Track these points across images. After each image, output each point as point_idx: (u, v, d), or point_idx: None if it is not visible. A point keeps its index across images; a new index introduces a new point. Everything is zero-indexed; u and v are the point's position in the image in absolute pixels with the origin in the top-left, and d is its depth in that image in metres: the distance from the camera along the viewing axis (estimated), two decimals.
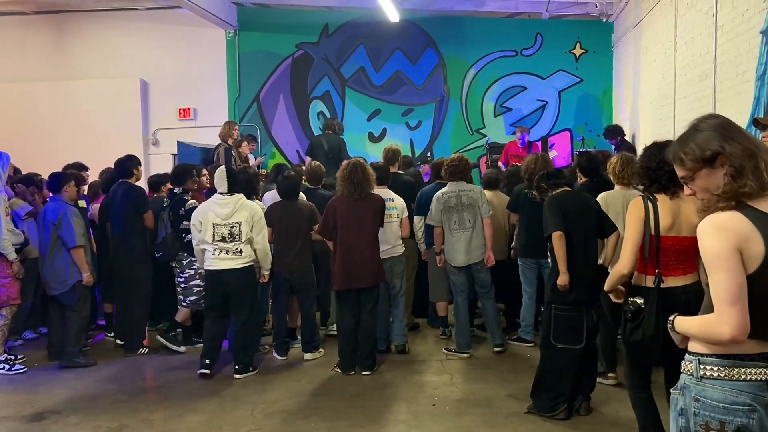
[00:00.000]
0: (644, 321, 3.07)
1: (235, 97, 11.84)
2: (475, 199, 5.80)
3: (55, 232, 5.78)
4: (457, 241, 5.75)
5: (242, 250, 5.40)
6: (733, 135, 2.01)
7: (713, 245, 1.93)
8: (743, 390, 1.93)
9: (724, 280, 1.90)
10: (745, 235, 1.90)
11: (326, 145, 8.89)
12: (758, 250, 1.90)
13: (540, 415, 4.44)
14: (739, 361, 1.94)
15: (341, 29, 11.80)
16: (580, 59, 11.56)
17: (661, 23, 8.17)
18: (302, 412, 4.70)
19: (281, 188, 5.95)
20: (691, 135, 2.07)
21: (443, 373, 5.47)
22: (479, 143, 11.49)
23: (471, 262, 5.77)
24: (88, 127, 11.36)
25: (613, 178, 4.87)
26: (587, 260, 4.39)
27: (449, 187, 5.84)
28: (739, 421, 1.92)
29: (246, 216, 5.41)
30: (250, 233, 5.43)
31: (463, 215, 5.75)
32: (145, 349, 6.25)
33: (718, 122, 2.06)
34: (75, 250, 5.82)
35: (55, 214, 5.78)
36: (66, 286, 5.83)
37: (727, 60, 5.79)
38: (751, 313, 1.92)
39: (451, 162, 5.92)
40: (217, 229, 5.39)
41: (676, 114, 7.45)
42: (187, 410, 4.79)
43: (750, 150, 1.97)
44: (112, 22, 11.89)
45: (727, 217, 1.93)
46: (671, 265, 3.21)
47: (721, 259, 1.90)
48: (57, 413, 4.79)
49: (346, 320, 5.55)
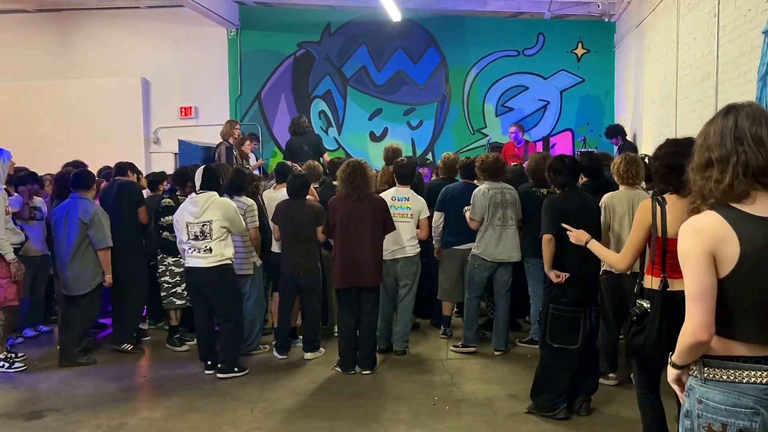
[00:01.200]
0: (648, 325, 3.06)
1: (237, 96, 11.84)
2: (515, 198, 5.85)
3: (84, 231, 5.72)
4: (499, 237, 5.74)
5: (212, 248, 5.35)
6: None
7: (685, 247, 1.98)
8: (746, 393, 1.92)
9: (690, 281, 1.96)
10: (720, 236, 1.92)
11: (306, 146, 8.81)
12: (733, 251, 1.90)
13: (540, 415, 4.43)
14: (743, 363, 1.94)
15: (343, 28, 11.79)
16: (582, 59, 11.55)
17: (663, 23, 8.16)
18: (302, 411, 4.69)
19: (290, 187, 5.95)
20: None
21: (444, 372, 5.47)
22: (481, 143, 11.48)
23: (507, 260, 5.79)
24: (89, 126, 11.36)
25: (617, 179, 4.86)
26: (585, 261, 4.38)
27: (493, 184, 5.82)
28: (741, 423, 1.92)
29: (217, 215, 5.36)
30: (224, 231, 5.39)
31: (507, 212, 5.77)
32: (130, 345, 6.21)
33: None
34: (104, 251, 5.81)
35: (86, 212, 5.73)
36: (90, 287, 5.80)
37: (729, 60, 5.78)
38: (747, 317, 1.93)
39: (488, 162, 5.86)
40: (190, 228, 5.39)
41: (678, 114, 7.44)
42: (188, 409, 4.78)
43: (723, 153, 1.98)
44: (114, 20, 11.89)
45: (702, 219, 1.97)
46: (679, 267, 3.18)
47: (689, 261, 1.96)
48: (57, 411, 4.79)
49: (346, 319, 5.54)
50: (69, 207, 5.81)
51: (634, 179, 4.78)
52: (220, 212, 5.38)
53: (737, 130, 1.97)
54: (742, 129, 1.97)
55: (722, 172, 1.95)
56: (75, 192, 5.89)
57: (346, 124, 11.87)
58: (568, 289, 4.34)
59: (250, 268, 5.95)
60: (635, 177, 4.77)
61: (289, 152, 8.92)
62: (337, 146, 11.77)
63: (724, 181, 1.95)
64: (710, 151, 2.00)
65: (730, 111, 2.03)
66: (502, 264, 5.80)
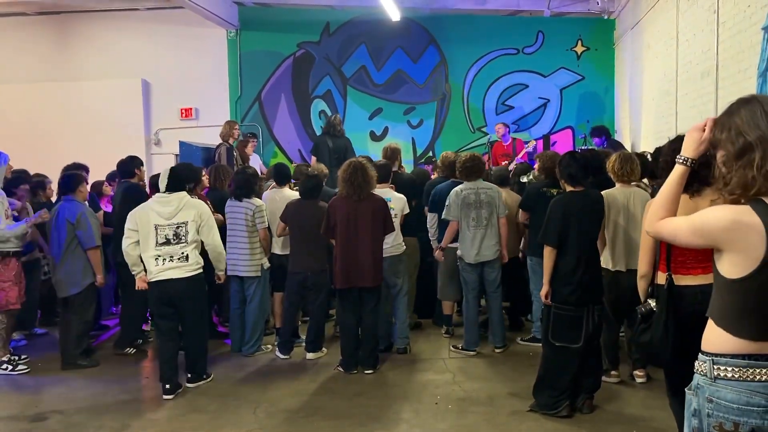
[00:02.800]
0: (654, 322, 3.06)
1: (237, 97, 11.85)
2: (493, 197, 5.83)
3: (72, 231, 5.74)
4: (473, 237, 5.76)
5: (188, 255, 4.97)
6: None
7: (712, 220, 1.92)
8: (758, 391, 1.90)
9: (683, 222, 2.00)
10: (750, 237, 1.86)
11: (331, 144, 8.87)
12: (758, 254, 1.86)
13: (542, 413, 4.43)
14: (754, 361, 1.91)
15: (342, 28, 11.79)
16: (581, 57, 11.54)
17: (662, 20, 8.15)
18: (304, 411, 4.70)
19: (303, 187, 5.95)
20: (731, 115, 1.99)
21: (445, 371, 5.47)
22: (481, 141, 11.47)
23: (485, 259, 5.78)
24: (90, 128, 11.37)
25: (612, 177, 4.87)
26: (589, 261, 4.39)
27: (468, 184, 5.84)
28: (753, 422, 1.90)
29: (193, 215, 5.00)
30: (197, 235, 5.06)
31: (481, 212, 5.77)
32: (132, 349, 6.22)
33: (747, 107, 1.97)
34: (93, 250, 5.81)
35: (74, 213, 5.75)
36: (80, 287, 5.81)
37: (729, 57, 5.78)
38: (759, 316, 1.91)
39: (465, 162, 5.90)
40: (160, 231, 4.92)
41: (678, 111, 7.43)
42: (190, 409, 4.79)
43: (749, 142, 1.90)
44: (114, 22, 11.90)
45: (744, 215, 1.88)
46: (689, 264, 3.18)
47: (703, 226, 1.93)
48: (60, 413, 4.80)
49: (348, 319, 5.55)
50: (58, 210, 5.86)
51: (629, 176, 4.80)
52: (195, 211, 5.02)
53: (767, 114, 1.91)
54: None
55: (762, 154, 1.86)
56: (64, 195, 5.94)
57: (346, 124, 11.78)
58: (571, 289, 4.34)
59: (257, 270, 5.95)
60: (630, 174, 4.79)
61: (315, 148, 9.13)
62: None
63: (767, 163, 1.85)
64: (744, 135, 1.90)
65: (750, 100, 1.97)
66: (485, 263, 5.80)
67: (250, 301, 5.95)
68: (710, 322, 2.02)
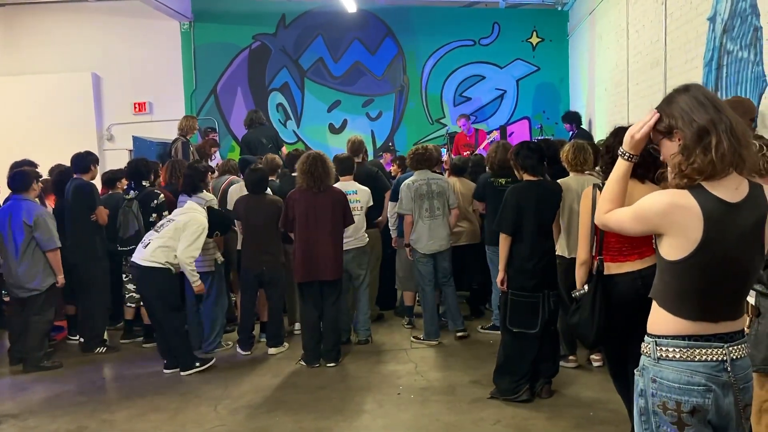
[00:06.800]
0: (581, 305, 3.21)
1: (192, 90, 11.66)
2: (444, 188, 5.88)
3: (30, 233, 5.57)
4: (427, 228, 5.80)
5: (150, 243, 5.28)
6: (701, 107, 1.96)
7: (651, 205, 1.98)
8: (698, 370, 1.96)
9: (627, 211, 2.06)
10: (687, 221, 1.93)
11: (264, 139, 8.72)
12: (695, 236, 1.92)
13: (503, 399, 4.50)
14: (694, 342, 1.97)
15: (298, 20, 11.69)
16: (537, 48, 11.70)
17: (614, 11, 8.32)
18: (267, 407, 4.67)
19: (248, 181, 5.87)
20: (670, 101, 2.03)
21: (408, 362, 5.51)
22: (440, 133, 11.55)
23: (440, 249, 5.84)
24: (39, 124, 11.03)
25: (566, 166, 4.96)
26: (544, 248, 4.47)
27: (418, 176, 5.88)
28: (694, 401, 1.96)
29: (183, 220, 5.32)
30: (172, 240, 5.26)
31: (434, 203, 5.82)
32: (102, 348, 6.12)
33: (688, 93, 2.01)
34: (53, 252, 5.66)
35: (30, 215, 5.57)
36: (39, 289, 5.65)
37: (676, 47, 5.93)
38: (698, 297, 1.97)
39: (415, 151, 5.99)
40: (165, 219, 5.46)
41: (630, 101, 7.60)
42: (149, 408, 4.71)
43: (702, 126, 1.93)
44: (61, 14, 11.56)
45: (682, 199, 1.94)
46: (625, 250, 3.28)
47: (643, 213, 2.00)
48: (14, 417, 4.66)
49: (309, 313, 5.53)
50: (11, 210, 5.65)
51: (582, 166, 4.90)
52: (183, 220, 5.30)
53: (709, 99, 1.95)
54: (713, 99, 1.97)
55: (718, 137, 1.89)
56: (15, 194, 5.74)
57: (304, 117, 11.80)
58: (527, 276, 4.42)
59: (210, 265, 5.87)
60: (583, 164, 4.88)
61: (247, 146, 8.75)
62: (297, 139, 11.69)
63: (722, 146, 1.88)
64: (696, 120, 1.93)
65: (688, 88, 2.01)
66: (438, 253, 5.87)
67: (206, 298, 5.87)
68: (654, 304, 2.08)
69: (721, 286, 1.98)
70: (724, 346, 1.98)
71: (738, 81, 4.75)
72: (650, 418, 2.04)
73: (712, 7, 5.05)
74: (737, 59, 4.75)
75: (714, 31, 5.05)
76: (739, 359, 2.00)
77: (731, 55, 4.83)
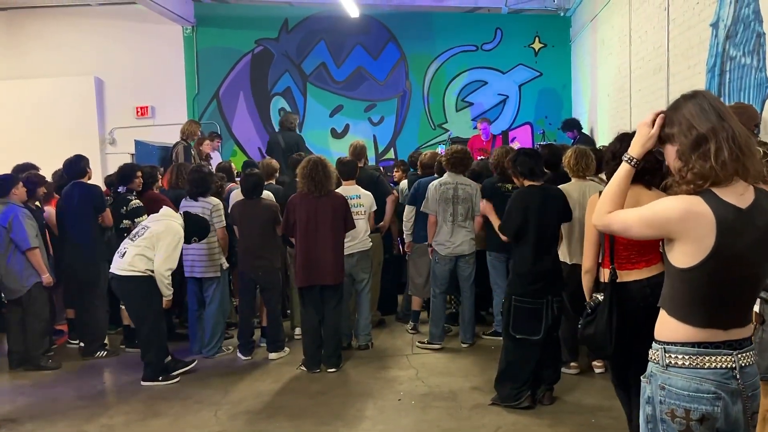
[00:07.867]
0: (597, 315, 3.14)
1: (194, 95, 11.66)
2: (470, 194, 5.83)
3: (7, 235, 5.60)
4: (448, 232, 5.77)
5: (126, 252, 5.14)
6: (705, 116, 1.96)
7: (666, 210, 1.95)
8: (708, 378, 1.94)
9: (634, 213, 2.04)
10: (701, 230, 1.90)
11: (283, 143, 8.78)
12: (708, 244, 1.90)
13: (504, 405, 4.48)
14: (704, 349, 1.95)
15: (301, 25, 11.70)
16: (539, 53, 11.69)
17: (616, 17, 8.31)
18: (267, 412, 4.65)
19: (243, 186, 5.87)
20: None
21: (409, 368, 5.48)
22: (442, 138, 11.53)
23: (461, 253, 5.80)
24: (41, 127, 11.02)
25: (568, 171, 4.95)
26: (548, 254, 4.45)
27: (447, 178, 5.84)
28: (703, 408, 1.94)
29: (157, 229, 5.19)
30: (149, 250, 5.13)
31: (458, 208, 5.78)
32: (103, 351, 6.10)
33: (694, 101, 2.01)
34: (30, 252, 5.66)
35: (5, 217, 5.61)
36: (24, 289, 5.67)
37: (679, 53, 5.92)
38: (708, 304, 1.95)
39: (453, 153, 5.89)
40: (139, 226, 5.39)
41: (632, 107, 7.59)
42: (149, 414, 4.69)
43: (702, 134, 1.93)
44: (64, 18, 11.57)
45: (698, 206, 1.92)
46: (633, 258, 3.25)
47: (656, 217, 1.97)
48: (12, 421, 4.64)
49: (310, 318, 5.51)
50: None
51: (584, 171, 4.88)
52: (157, 229, 5.18)
53: (714, 108, 1.95)
54: (717, 107, 1.96)
55: (718, 145, 1.90)
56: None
57: (306, 122, 11.78)
58: (530, 281, 4.39)
59: (216, 271, 5.85)
60: (585, 169, 4.87)
61: (269, 147, 8.97)
62: None
63: (722, 153, 1.89)
64: (696, 127, 1.94)
65: (695, 95, 2.01)
66: (460, 257, 5.84)
67: (209, 303, 5.85)
68: (662, 312, 2.06)
69: (732, 292, 1.96)
70: (733, 353, 1.96)
71: (741, 87, 4.74)
72: (657, 425, 2.02)
73: (715, 13, 5.04)
74: (740, 65, 4.73)
75: (717, 37, 5.04)
76: (748, 366, 1.99)
77: (734, 61, 4.82)
